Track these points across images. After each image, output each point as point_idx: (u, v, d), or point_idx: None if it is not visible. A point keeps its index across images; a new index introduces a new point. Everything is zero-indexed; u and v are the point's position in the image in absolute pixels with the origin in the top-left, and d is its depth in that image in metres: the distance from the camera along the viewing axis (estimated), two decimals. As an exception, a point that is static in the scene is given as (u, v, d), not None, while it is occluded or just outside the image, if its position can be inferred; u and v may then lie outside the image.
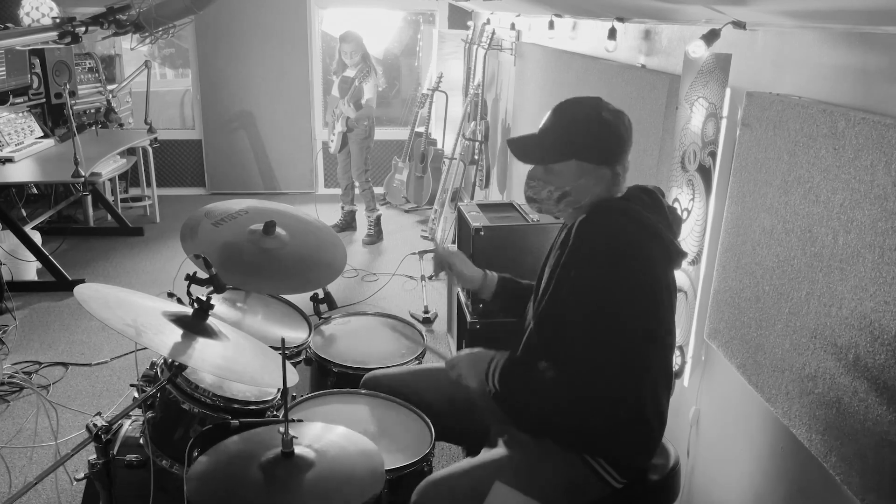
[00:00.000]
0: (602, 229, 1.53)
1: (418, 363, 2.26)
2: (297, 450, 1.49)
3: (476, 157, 5.26)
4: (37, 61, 5.07)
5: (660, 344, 1.57)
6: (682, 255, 1.60)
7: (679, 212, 2.12)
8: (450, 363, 1.74)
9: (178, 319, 1.65)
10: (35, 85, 5.09)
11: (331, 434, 1.60)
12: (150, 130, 5.32)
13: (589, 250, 1.52)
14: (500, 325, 2.59)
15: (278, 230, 1.99)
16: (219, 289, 1.74)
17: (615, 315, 1.48)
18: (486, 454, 1.67)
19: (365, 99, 5.10)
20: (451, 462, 2.74)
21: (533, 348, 1.68)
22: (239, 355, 1.67)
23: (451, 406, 1.89)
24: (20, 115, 4.83)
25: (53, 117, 5.33)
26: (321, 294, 2.58)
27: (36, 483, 1.38)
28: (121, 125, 5.88)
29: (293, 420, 1.67)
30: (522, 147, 1.63)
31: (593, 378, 1.51)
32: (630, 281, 1.48)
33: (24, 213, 4.95)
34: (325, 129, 5.65)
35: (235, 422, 1.72)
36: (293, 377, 1.67)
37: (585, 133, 1.56)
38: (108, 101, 5.71)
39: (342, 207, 5.68)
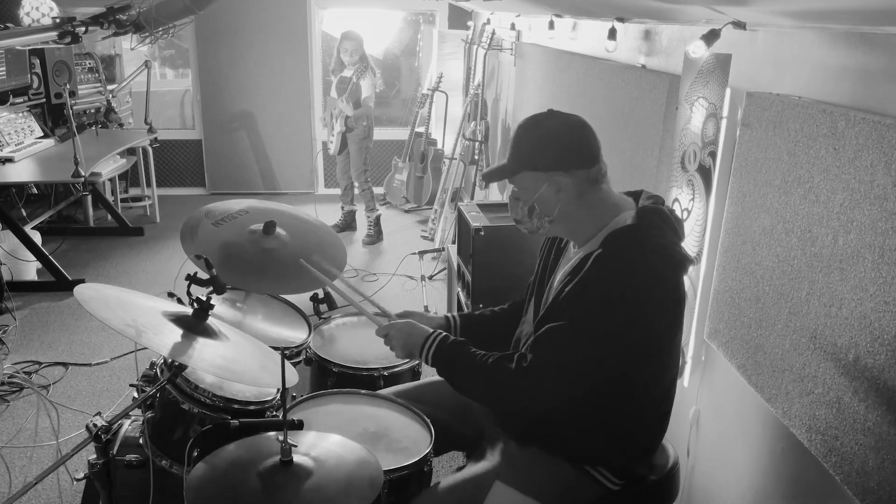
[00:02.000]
0: (620, 263, 1.48)
1: (418, 367, 2.27)
2: (296, 458, 1.48)
3: (476, 157, 5.26)
4: (37, 61, 5.07)
5: (666, 357, 1.58)
6: (690, 261, 1.59)
7: (679, 212, 2.12)
8: (382, 330, 1.74)
9: (178, 319, 1.65)
10: (35, 85, 5.09)
11: (329, 442, 1.59)
12: (150, 130, 5.32)
13: (603, 284, 1.47)
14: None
15: (278, 230, 1.98)
16: (219, 289, 1.74)
17: (622, 338, 1.46)
18: (476, 466, 1.67)
19: (363, 98, 5.11)
20: (452, 463, 2.74)
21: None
22: (239, 355, 1.67)
23: (450, 418, 1.88)
24: (20, 115, 4.83)
25: (53, 117, 5.33)
26: (321, 294, 2.57)
27: (36, 483, 1.38)
28: (121, 125, 5.88)
29: (293, 420, 1.67)
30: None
31: (583, 393, 1.52)
32: (643, 311, 1.46)
33: (24, 213, 4.95)
34: (324, 129, 5.64)
35: (235, 422, 1.72)
36: (293, 377, 1.67)
37: (528, 143, 1.58)
38: (108, 101, 5.71)
39: (342, 208, 5.68)
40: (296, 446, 1.49)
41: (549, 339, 1.51)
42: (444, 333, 1.66)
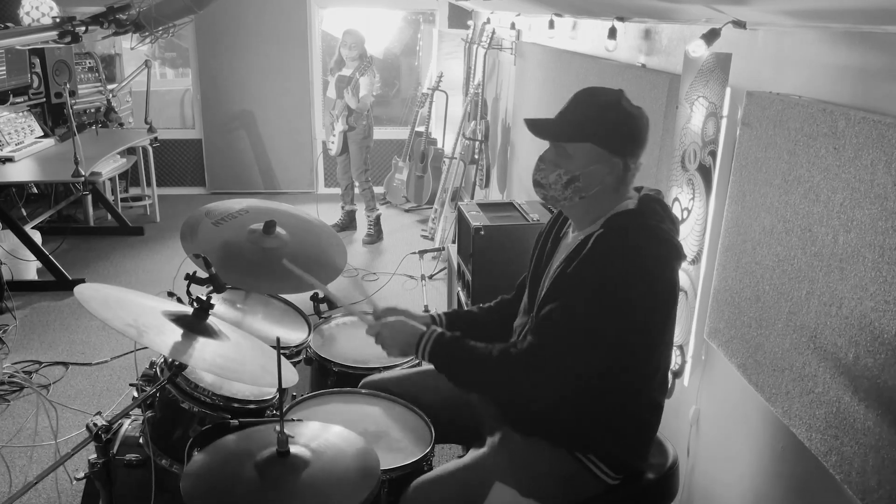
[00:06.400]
0: (621, 243, 1.51)
1: (417, 363, 2.26)
2: (293, 449, 1.48)
3: (476, 156, 5.26)
4: (37, 61, 5.07)
5: (662, 344, 1.59)
6: (684, 256, 1.61)
7: (679, 211, 2.12)
8: (373, 328, 1.71)
9: (179, 319, 1.65)
10: (35, 84, 5.09)
11: (327, 434, 1.59)
12: (151, 130, 5.31)
13: (606, 262, 1.49)
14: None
15: (278, 230, 1.98)
16: (218, 288, 1.74)
17: (626, 318, 1.48)
18: (476, 454, 1.68)
19: (361, 94, 5.11)
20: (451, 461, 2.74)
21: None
22: (239, 355, 1.67)
23: (449, 407, 1.89)
24: (20, 114, 4.83)
25: (53, 117, 5.33)
26: (321, 294, 2.58)
27: (36, 482, 1.38)
28: (121, 125, 5.88)
29: (291, 420, 1.67)
30: (539, 124, 1.60)
31: (589, 376, 1.53)
32: (646, 291, 1.48)
33: (25, 213, 4.95)
34: (323, 130, 5.64)
35: (235, 421, 1.72)
36: (293, 377, 1.67)
37: (605, 118, 1.55)
38: (108, 101, 5.70)
39: (342, 207, 5.68)
40: (293, 437, 1.49)
41: (550, 320, 1.52)
42: (440, 329, 1.65)
